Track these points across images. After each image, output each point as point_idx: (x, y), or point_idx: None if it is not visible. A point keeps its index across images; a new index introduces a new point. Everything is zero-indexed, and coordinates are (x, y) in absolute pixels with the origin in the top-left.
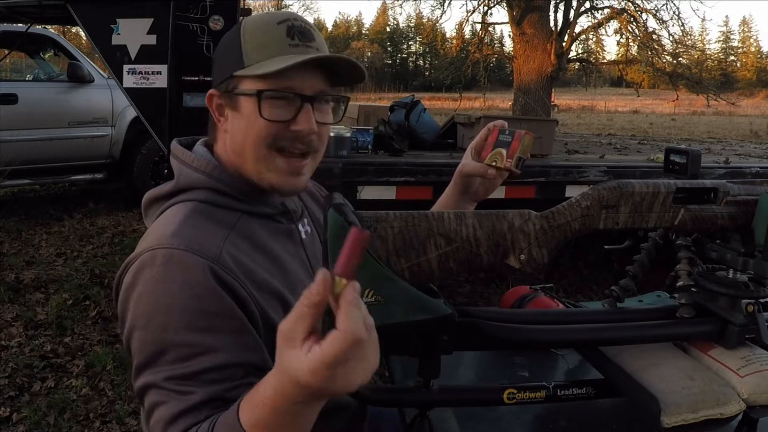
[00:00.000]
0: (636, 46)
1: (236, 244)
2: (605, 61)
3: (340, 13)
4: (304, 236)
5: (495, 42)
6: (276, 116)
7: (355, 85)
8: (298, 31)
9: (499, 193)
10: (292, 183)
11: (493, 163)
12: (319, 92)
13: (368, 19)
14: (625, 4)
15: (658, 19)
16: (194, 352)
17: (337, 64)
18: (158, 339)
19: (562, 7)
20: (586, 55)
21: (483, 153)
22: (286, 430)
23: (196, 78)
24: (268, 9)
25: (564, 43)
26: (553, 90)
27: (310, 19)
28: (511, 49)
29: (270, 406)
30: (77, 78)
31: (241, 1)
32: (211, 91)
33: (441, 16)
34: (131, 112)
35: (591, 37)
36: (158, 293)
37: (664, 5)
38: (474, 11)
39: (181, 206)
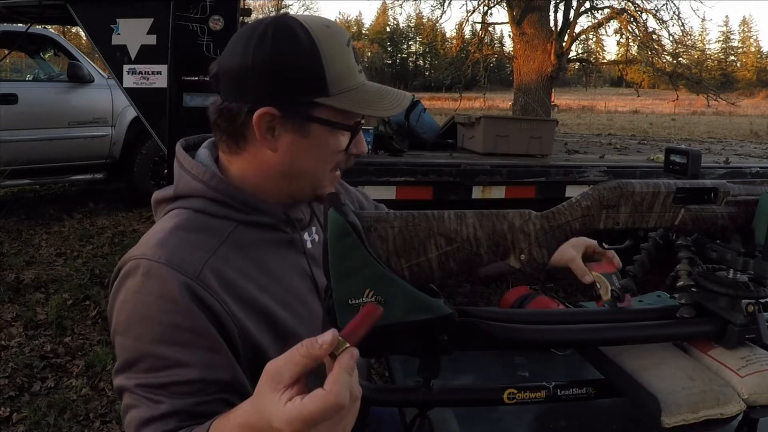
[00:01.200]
0: (636, 46)
1: (226, 257)
2: (605, 61)
3: (340, 13)
4: (309, 245)
5: (495, 42)
6: (343, 144)
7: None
8: (355, 52)
9: (499, 193)
10: (333, 189)
11: (597, 286)
12: None
13: (368, 19)
14: (625, 4)
15: (658, 19)
16: (165, 365)
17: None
18: (133, 347)
19: (562, 7)
20: (586, 55)
21: (596, 267)
22: None
23: (196, 78)
24: (268, 9)
25: (564, 43)
26: (553, 90)
27: None
28: (511, 49)
29: None
30: (77, 78)
31: (241, 1)
32: (267, 109)
33: (441, 16)
34: (131, 112)
35: (591, 37)
36: (136, 304)
37: (664, 5)
38: (474, 11)
39: (174, 213)
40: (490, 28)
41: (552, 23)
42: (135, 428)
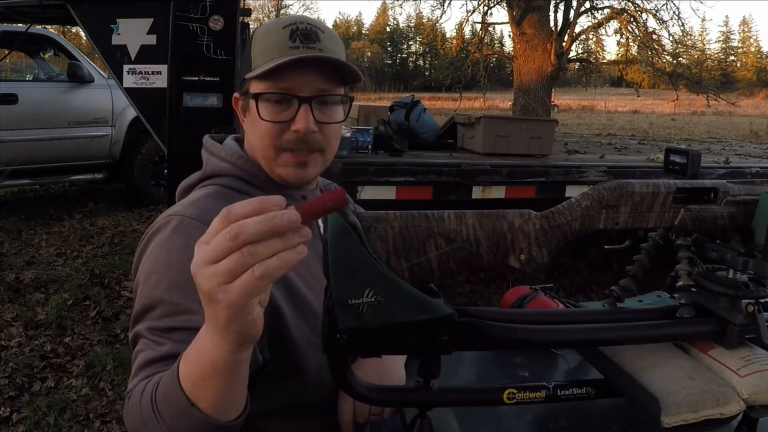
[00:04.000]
0: (636, 46)
1: None
2: (605, 61)
3: (340, 13)
4: (322, 230)
5: (495, 42)
6: (275, 117)
7: (354, 84)
8: (300, 33)
9: (499, 193)
10: (299, 174)
11: None
12: (318, 92)
13: (368, 19)
14: (625, 4)
15: (658, 19)
16: (177, 311)
17: (331, 63)
18: (151, 294)
19: (562, 7)
20: (586, 55)
21: None
22: (206, 377)
23: (196, 78)
24: (268, 9)
25: (564, 43)
26: (553, 90)
27: None
28: (511, 49)
29: (193, 343)
30: (77, 78)
31: (241, 1)
32: (235, 93)
33: (441, 16)
34: (131, 112)
35: (591, 37)
36: (161, 253)
37: (664, 5)
38: (474, 11)
39: (204, 188)
40: (490, 28)
41: (552, 23)
42: (135, 370)
